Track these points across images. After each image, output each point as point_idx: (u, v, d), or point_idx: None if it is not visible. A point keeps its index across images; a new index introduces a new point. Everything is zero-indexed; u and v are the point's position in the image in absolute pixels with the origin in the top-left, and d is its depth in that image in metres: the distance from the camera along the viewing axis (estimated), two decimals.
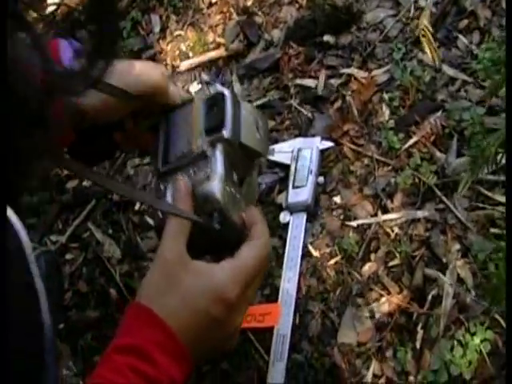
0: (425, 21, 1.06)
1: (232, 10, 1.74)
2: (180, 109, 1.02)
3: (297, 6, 1.67)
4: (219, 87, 1.00)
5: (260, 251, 0.95)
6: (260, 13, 1.70)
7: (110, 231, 1.57)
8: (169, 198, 0.97)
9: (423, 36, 1.10)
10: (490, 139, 0.99)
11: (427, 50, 1.10)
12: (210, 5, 1.78)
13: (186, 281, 0.88)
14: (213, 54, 1.69)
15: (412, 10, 1.54)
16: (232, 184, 0.95)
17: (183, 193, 0.94)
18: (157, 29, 1.80)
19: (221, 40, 1.71)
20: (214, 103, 0.98)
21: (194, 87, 1.66)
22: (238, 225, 0.96)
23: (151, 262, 0.92)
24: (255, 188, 1.08)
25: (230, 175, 0.96)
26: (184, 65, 1.70)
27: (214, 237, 0.95)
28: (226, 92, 0.98)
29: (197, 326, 0.88)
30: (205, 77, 1.69)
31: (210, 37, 1.72)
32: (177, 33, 1.78)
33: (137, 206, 1.55)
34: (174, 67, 1.71)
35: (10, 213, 0.68)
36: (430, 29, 1.09)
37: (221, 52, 1.68)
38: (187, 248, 0.91)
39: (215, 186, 0.93)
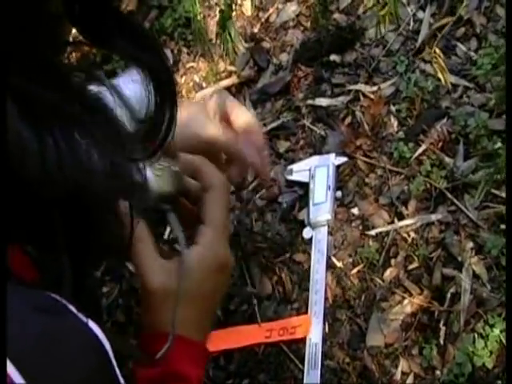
0: (436, 48, 1.21)
1: (240, 37, 1.89)
2: None
3: (302, 28, 1.82)
4: None
5: (223, 196, 0.96)
6: (267, 38, 1.86)
7: None
8: None
9: (435, 63, 1.25)
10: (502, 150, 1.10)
11: (440, 75, 1.25)
12: (218, 35, 1.94)
13: (184, 288, 0.91)
14: (225, 83, 1.84)
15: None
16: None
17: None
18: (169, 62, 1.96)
19: (232, 68, 1.86)
20: None
21: None
22: (178, 189, 0.95)
23: (143, 295, 0.95)
24: None
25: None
26: (199, 96, 1.85)
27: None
28: None
29: (209, 311, 0.94)
30: None
31: (221, 66, 1.88)
32: (189, 65, 1.93)
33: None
34: (189, 99, 1.86)
35: (93, 325, 0.64)
36: (441, 55, 1.23)
37: (233, 80, 1.84)
38: None
39: (153, 192, 0.91)
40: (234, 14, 1.93)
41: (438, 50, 1.31)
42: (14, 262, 0.61)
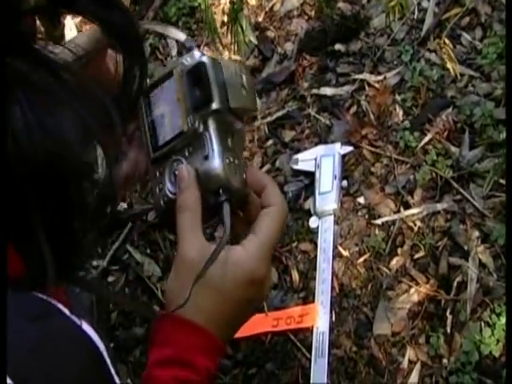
0: (445, 38, 1.22)
1: (250, 29, 1.89)
2: (160, 87, 0.98)
3: (306, 17, 1.83)
4: (197, 55, 0.95)
5: (280, 218, 0.94)
6: (271, 27, 1.86)
7: (148, 251, 1.72)
8: (168, 185, 0.95)
9: (444, 53, 1.26)
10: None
11: (449, 65, 1.26)
12: (223, 24, 1.94)
13: (214, 277, 0.88)
14: None
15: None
16: (229, 152, 0.94)
17: (187, 180, 0.92)
18: (174, 52, 1.96)
19: (236, 57, 1.87)
20: (196, 75, 0.94)
21: None
22: (242, 191, 0.94)
23: (174, 264, 0.92)
24: (244, 136, 1.08)
25: (226, 144, 0.94)
26: None
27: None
28: (206, 59, 0.94)
29: (232, 314, 0.94)
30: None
31: (226, 55, 1.88)
32: None
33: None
34: None
35: (87, 327, 0.65)
36: (450, 45, 1.24)
37: None
38: None
39: (216, 164, 0.92)
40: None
41: (446, 40, 1.32)
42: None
